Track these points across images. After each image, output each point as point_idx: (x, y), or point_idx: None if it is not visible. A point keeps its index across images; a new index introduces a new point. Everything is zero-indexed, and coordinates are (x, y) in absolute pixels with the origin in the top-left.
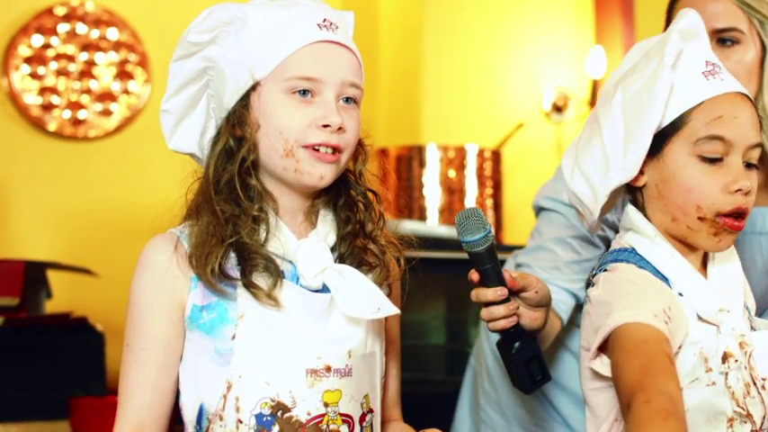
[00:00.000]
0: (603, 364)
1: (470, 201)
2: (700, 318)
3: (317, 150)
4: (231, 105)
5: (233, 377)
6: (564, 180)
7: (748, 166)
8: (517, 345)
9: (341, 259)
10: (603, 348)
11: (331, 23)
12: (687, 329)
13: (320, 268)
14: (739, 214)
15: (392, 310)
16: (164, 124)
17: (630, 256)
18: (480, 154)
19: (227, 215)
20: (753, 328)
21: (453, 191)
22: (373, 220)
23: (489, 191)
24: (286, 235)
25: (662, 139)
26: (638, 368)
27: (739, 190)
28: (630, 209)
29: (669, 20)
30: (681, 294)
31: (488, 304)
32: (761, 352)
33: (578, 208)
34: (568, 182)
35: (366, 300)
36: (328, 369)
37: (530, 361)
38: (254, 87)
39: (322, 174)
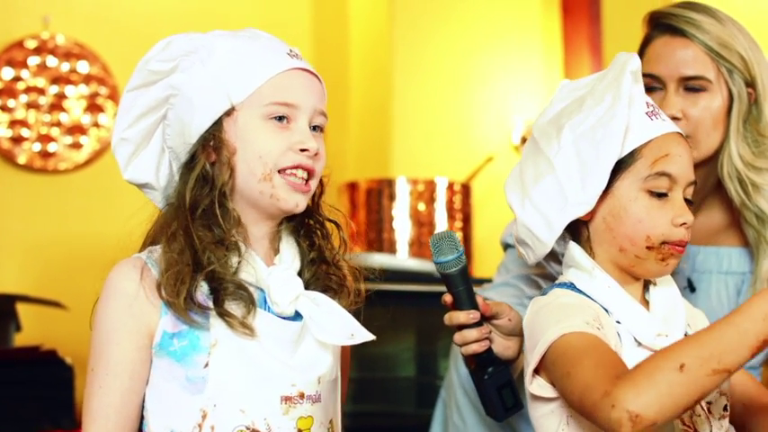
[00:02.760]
0: (539, 386)
1: None
2: (639, 344)
3: (293, 176)
4: (203, 131)
5: (208, 406)
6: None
7: (687, 201)
8: (490, 370)
9: (306, 285)
10: (539, 372)
11: (296, 54)
12: (616, 344)
13: (294, 296)
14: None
15: (366, 336)
16: (120, 154)
17: (568, 288)
18: (450, 187)
19: (204, 243)
20: None
21: (423, 224)
22: (331, 247)
23: (459, 224)
24: (257, 262)
25: (611, 174)
26: (594, 365)
27: (684, 223)
28: (573, 246)
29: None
30: (619, 322)
31: (461, 327)
32: None
33: (527, 241)
34: (519, 215)
35: (340, 326)
36: (302, 396)
37: (502, 388)
38: (228, 112)
39: (297, 202)
